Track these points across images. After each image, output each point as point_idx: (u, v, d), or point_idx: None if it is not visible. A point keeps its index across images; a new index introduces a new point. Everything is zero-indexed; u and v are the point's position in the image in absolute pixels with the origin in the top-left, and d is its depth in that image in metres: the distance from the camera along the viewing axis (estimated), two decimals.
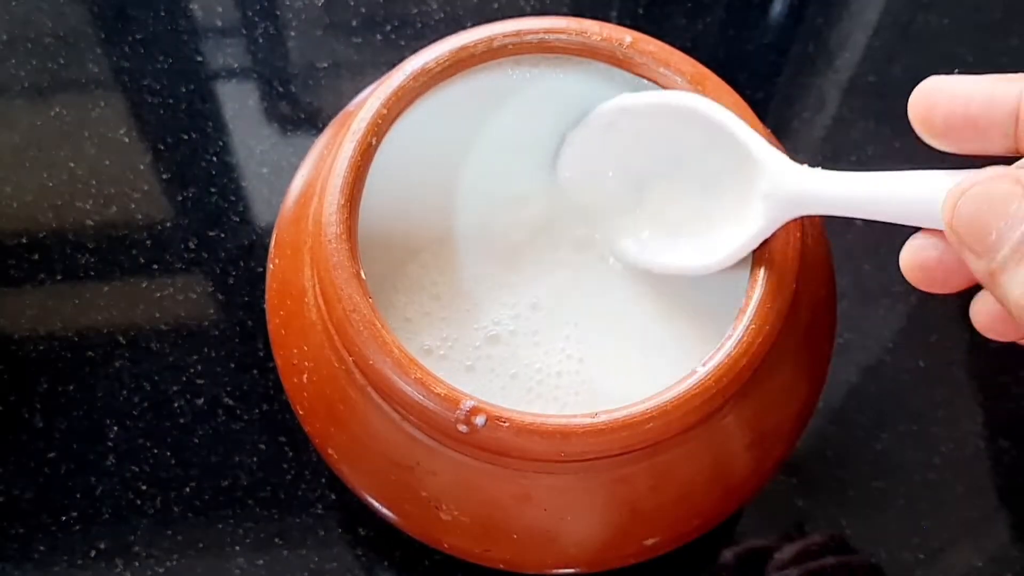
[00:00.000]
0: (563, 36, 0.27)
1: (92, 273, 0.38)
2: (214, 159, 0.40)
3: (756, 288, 0.25)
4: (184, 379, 0.36)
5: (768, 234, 0.25)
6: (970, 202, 0.19)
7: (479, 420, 0.23)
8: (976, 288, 0.22)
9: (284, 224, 0.29)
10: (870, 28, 0.44)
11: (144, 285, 0.38)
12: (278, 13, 0.44)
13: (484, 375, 0.29)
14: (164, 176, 0.40)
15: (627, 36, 0.27)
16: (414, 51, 0.27)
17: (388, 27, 0.44)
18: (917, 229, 0.22)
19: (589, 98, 0.30)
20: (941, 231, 0.20)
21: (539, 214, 0.31)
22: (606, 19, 0.38)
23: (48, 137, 0.41)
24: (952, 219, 0.19)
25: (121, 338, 0.37)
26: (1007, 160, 0.20)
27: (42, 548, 0.33)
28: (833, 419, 0.36)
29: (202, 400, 0.36)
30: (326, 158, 0.28)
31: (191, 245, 0.39)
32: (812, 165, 0.24)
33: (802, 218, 0.25)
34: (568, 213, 0.31)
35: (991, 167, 0.19)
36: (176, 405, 0.36)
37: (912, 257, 0.22)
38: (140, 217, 0.39)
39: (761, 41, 0.44)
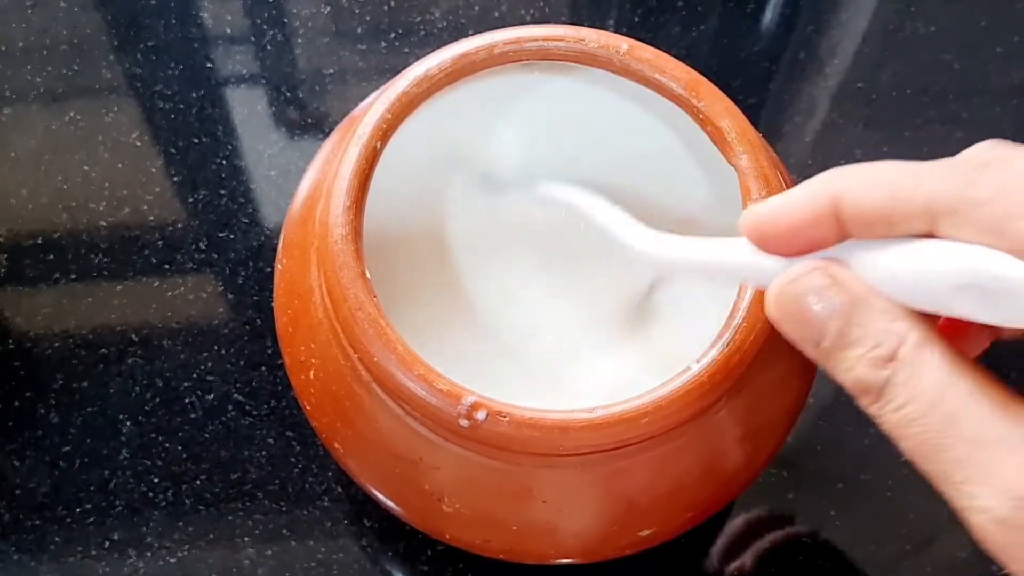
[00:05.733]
0: (562, 44, 0.27)
1: (106, 273, 0.38)
2: (224, 163, 0.41)
3: (748, 287, 0.25)
4: (195, 376, 0.36)
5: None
6: (786, 299, 0.19)
7: (480, 415, 0.23)
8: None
9: (292, 225, 0.29)
10: (859, 36, 0.44)
11: (156, 285, 0.38)
12: (286, 21, 0.44)
13: (486, 372, 0.29)
14: (175, 179, 0.40)
15: (623, 43, 0.27)
16: (418, 58, 0.27)
17: (392, 35, 0.44)
18: None
19: (587, 104, 0.30)
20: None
21: (541, 218, 0.32)
22: (603, 27, 0.38)
23: (63, 141, 0.41)
24: (775, 315, 0.20)
25: (134, 336, 0.37)
26: None
27: (57, 539, 0.34)
28: (823, 414, 0.36)
29: (212, 396, 0.36)
30: (332, 162, 0.28)
31: (202, 246, 0.39)
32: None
33: None
34: (569, 218, 0.31)
35: (803, 261, 0.19)
36: (187, 401, 0.36)
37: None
38: (152, 219, 0.39)
39: (753, 49, 0.44)
